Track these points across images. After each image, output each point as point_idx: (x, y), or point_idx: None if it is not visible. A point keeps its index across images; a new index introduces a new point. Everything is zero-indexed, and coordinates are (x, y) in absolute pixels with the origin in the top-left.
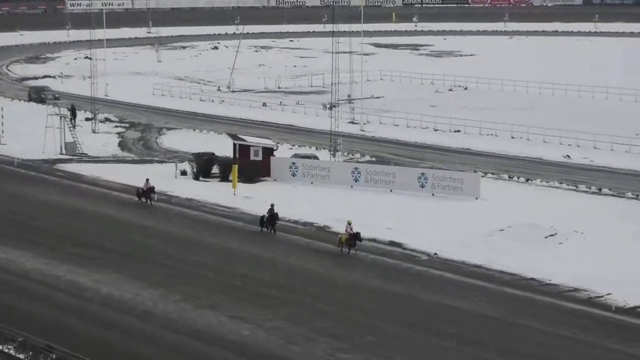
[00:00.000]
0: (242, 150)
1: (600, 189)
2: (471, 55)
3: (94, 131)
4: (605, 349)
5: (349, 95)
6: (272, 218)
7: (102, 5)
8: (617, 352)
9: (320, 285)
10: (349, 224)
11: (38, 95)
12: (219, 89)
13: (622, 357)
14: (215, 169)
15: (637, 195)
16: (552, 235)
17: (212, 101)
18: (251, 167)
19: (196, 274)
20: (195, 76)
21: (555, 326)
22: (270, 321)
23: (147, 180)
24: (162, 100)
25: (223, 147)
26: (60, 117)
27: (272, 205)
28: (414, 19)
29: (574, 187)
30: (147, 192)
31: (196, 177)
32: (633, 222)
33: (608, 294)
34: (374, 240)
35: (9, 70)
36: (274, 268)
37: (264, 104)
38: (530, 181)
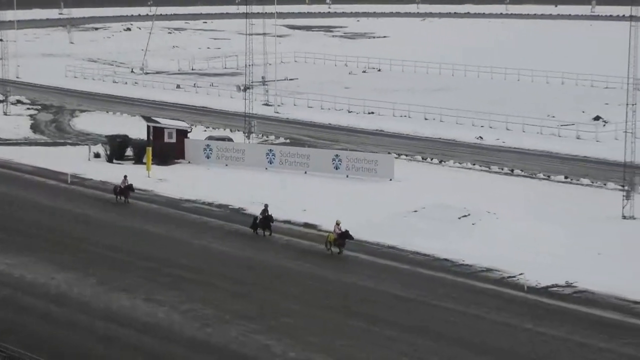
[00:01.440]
0: (156, 132)
1: (512, 170)
2: (384, 37)
3: (5, 113)
4: (517, 328)
5: (263, 77)
6: (266, 220)
7: None
8: (528, 331)
9: (235, 267)
10: (338, 224)
11: None
12: (132, 71)
13: (533, 335)
14: (129, 152)
15: (549, 176)
16: (465, 216)
17: (126, 83)
18: (165, 149)
19: (110, 256)
20: (109, 58)
21: (469, 306)
22: (184, 304)
23: (125, 177)
24: (75, 82)
25: (137, 129)
26: None
27: (266, 206)
28: (327, 1)
29: (487, 168)
30: (125, 190)
31: (110, 160)
32: (544, 202)
33: (520, 274)
34: (288, 222)
35: None
36: (188, 250)
37: (178, 86)
38: (443, 162)
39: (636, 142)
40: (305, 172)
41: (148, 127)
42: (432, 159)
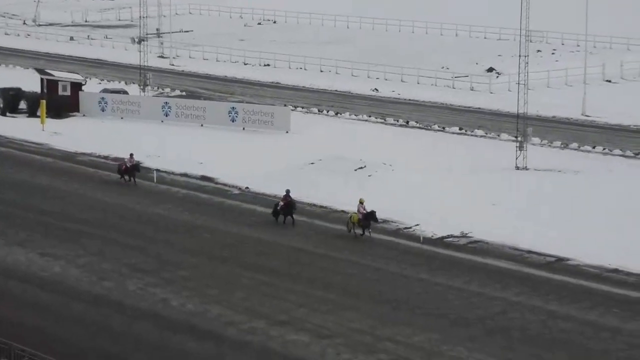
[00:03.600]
0: (50, 85)
1: (407, 122)
2: None
3: None
4: (413, 278)
5: (157, 29)
6: (288, 207)
7: None
8: (424, 281)
9: (131, 221)
10: (361, 202)
11: None
12: (24, 23)
13: (428, 285)
14: (22, 105)
15: (444, 128)
16: (361, 167)
17: (18, 35)
18: (59, 102)
19: (3, 211)
20: (0, 10)
21: (365, 257)
22: (81, 258)
23: (132, 155)
24: None
25: (30, 82)
26: None
27: (288, 192)
28: None
29: (382, 120)
30: (132, 169)
31: (3, 113)
32: (439, 153)
33: (416, 225)
34: (185, 175)
35: None
36: (83, 204)
37: (72, 38)
38: (339, 114)
39: (529, 94)
40: (202, 125)
41: (42, 79)
42: (328, 111)
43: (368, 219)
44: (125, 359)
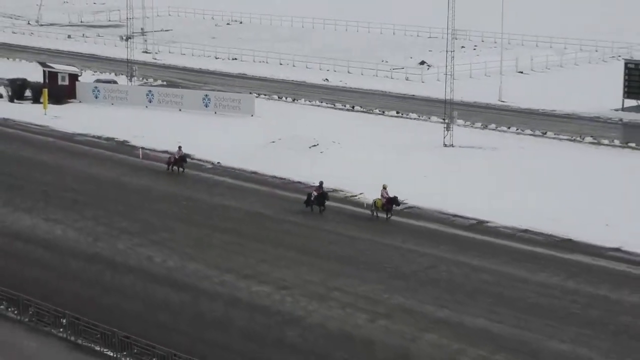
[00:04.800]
0: (51, 76)
1: (353, 107)
2: None
3: None
4: (359, 238)
5: (142, 29)
6: (321, 197)
7: None
8: (368, 240)
9: (120, 191)
10: (384, 188)
11: None
12: (29, 23)
13: (372, 244)
14: (28, 93)
15: (383, 112)
16: (314, 145)
17: (23, 34)
18: (59, 90)
19: (10, 183)
20: (7, 11)
21: (318, 221)
22: (78, 222)
23: (180, 147)
24: None
25: (34, 73)
26: None
27: (321, 183)
28: None
29: (332, 105)
30: (179, 160)
31: (11, 100)
32: (380, 133)
33: (360, 194)
34: (166, 152)
35: None
36: (80, 177)
37: (69, 36)
38: (296, 100)
39: (454, 83)
40: (180, 110)
41: (44, 71)
42: (286, 98)
43: (391, 203)
44: (116, 308)
